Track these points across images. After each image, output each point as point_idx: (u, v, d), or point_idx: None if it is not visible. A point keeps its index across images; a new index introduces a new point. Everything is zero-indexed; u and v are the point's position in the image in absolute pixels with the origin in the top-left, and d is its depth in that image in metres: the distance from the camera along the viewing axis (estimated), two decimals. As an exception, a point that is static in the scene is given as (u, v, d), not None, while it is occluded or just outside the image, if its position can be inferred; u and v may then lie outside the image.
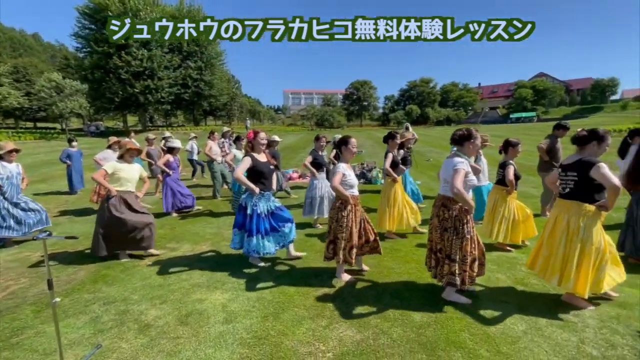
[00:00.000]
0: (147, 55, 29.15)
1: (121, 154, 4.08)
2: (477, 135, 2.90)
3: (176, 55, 33.12)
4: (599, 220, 2.70)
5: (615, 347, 2.31)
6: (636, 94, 62.79)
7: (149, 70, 29.62)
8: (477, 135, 2.92)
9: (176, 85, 32.90)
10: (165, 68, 31.40)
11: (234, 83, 50.62)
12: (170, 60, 31.65)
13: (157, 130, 30.07)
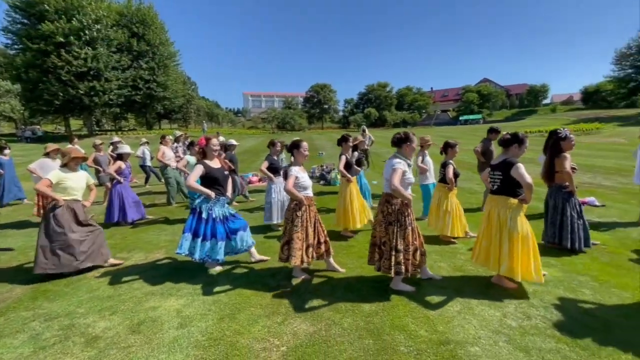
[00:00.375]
0: (92, 54, 27.05)
1: (65, 162, 3.86)
2: (413, 138, 3.20)
3: (125, 55, 31.12)
4: (522, 211, 3.11)
5: (531, 317, 2.69)
6: (563, 98, 70.66)
7: (95, 70, 27.48)
8: (414, 138, 3.21)
9: (126, 87, 30.89)
10: (113, 68, 29.35)
11: (190, 85, 48.67)
12: (118, 60, 29.62)
13: (105, 135, 28.02)
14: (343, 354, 2.31)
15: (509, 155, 3.20)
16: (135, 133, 31.68)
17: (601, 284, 3.22)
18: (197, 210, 3.70)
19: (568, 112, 52.93)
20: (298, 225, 3.35)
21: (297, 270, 3.59)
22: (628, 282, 3.25)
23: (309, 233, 3.40)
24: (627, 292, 3.05)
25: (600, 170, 10.68)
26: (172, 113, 43.46)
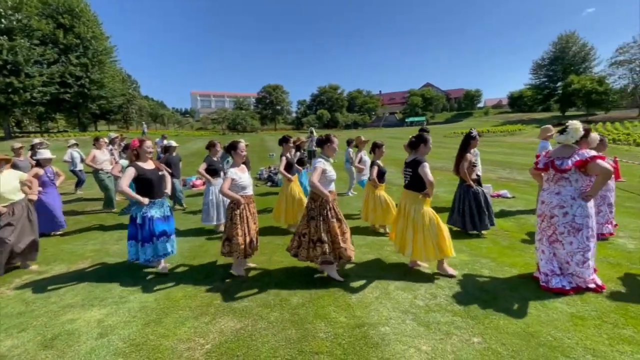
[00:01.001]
0: (8, 45, 23.87)
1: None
2: (333, 139, 3.47)
3: (50, 48, 27.95)
4: (425, 204, 3.51)
5: (436, 297, 3.06)
6: (494, 102, 78.48)
7: (12, 64, 24.29)
8: (334, 139, 3.48)
9: (53, 84, 27.74)
10: (36, 63, 26.18)
11: (131, 83, 45.19)
12: (42, 54, 26.48)
13: (28, 138, 24.90)
14: (265, 345, 2.44)
15: (418, 154, 3.59)
16: (66, 135, 28.60)
17: (498, 264, 3.76)
18: (133, 217, 3.62)
19: (498, 115, 58.97)
20: (237, 223, 3.46)
21: (237, 267, 3.67)
22: (518, 260, 3.83)
23: (251, 228, 3.55)
24: (515, 269, 3.61)
25: (516, 166, 12.17)
26: (110, 113, 39.99)
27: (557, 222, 3.11)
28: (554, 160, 3.19)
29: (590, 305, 2.81)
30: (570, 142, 3.15)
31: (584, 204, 3.02)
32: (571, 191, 3.08)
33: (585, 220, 3.01)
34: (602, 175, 2.92)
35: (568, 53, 45.00)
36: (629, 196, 7.13)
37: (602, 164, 2.90)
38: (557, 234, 3.13)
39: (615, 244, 4.28)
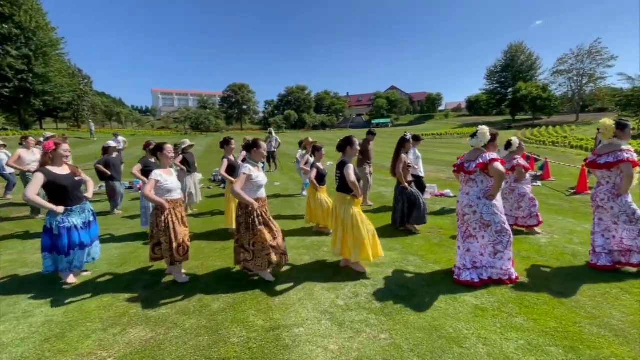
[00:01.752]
0: None
1: None
2: (260, 144, 3.45)
3: (-17, 37, 25.33)
4: (354, 205, 3.60)
5: (358, 295, 3.15)
6: (454, 106, 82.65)
7: None
8: (261, 144, 3.46)
9: (-14, 77, 25.15)
10: (-35, 53, 23.61)
11: (82, 79, 42.03)
12: (-27, 44, 23.95)
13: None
14: (172, 355, 2.36)
15: (345, 157, 3.68)
16: (4, 134, 26.01)
17: (424, 261, 3.95)
18: (47, 227, 3.34)
19: (456, 118, 62.26)
20: (162, 229, 3.33)
21: (177, 274, 3.55)
22: (443, 257, 4.05)
23: (178, 233, 3.40)
24: (439, 265, 3.81)
25: (465, 167, 12.88)
26: (58, 110, 36.96)
27: (469, 219, 3.33)
28: (464, 163, 3.43)
29: (494, 297, 3.03)
30: (479, 146, 3.39)
31: (489, 203, 3.26)
32: (477, 191, 3.31)
33: (492, 217, 3.24)
34: (498, 177, 3.17)
35: (517, 61, 48.60)
36: (554, 194, 7.80)
37: (498, 166, 3.15)
38: (470, 230, 3.35)
39: (530, 238, 4.66)
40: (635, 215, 3.37)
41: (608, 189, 3.48)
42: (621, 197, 3.40)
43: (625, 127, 3.48)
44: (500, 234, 3.26)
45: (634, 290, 3.07)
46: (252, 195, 3.34)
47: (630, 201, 3.41)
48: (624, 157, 3.34)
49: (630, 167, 3.32)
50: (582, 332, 2.47)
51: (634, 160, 3.34)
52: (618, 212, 3.40)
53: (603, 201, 3.50)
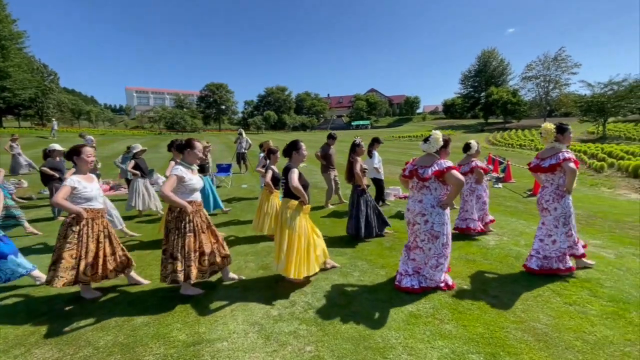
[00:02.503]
0: None
1: None
2: (195, 144, 3.26)
3: None
4: (302, 212, 3.47)
5: (295, 304, 3.04)
6: (432, 109, 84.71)
7: None
8: (196, 144, 3.28)
9: None
10: None
11: (47, 74, 39.81)
12: None
13: None
14: (73, 377, 2.16)
15: (291, 162, 3.56)
16: None
17: (371, 266, 3.89)
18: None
19: (433, 120, 63.83)
20: (72, 242, 3.01)
21: (85, 290, 3.25)
22: (390, 261, 4.01)
23: (90, 250, 3.08)
24: (385, 270, 3.76)
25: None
26: (20, 108, 34.85)
27: (419, 229, 3.23)
28: (417, 169, 3.33)
29: (430, 303, 3.00)
30: (431, 151, 3.34)
31: (441, 212, 3.20)
32: (431, 199, 3.22)
33: (442, 228, 3.18)
34: (455, 185, 3.10)
35: (489, 67, 50.48)
36: (512, 196, 8.02)
37: (456, 174, 3.09)
38: (418, 241, 3.27)
39: (481, 240, 4.72)
40: (570, 217, 3.46)
41: (552, 190, 3.54)
42: (564, 198, 3.46)
43: (565, 130, 3.56)
44: (445, 246, 3.22)
45: (565, 292, 3.13)
46: (184, 198, 3.15)
47: (571, 204, 3.50)
48: (566, 156, 3.41)
49: (571, 165, 3.38)
50: (507, 337, 2.46)
51: (575, 160, 3.43)
52: (560, 214, 3.46)
53: (548, 202, 3.56)
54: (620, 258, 3.95)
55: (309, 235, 3.46)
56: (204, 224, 3.28)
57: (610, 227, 5.25)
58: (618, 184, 8.67)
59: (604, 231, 5.03)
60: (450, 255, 3.31)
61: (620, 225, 5.33)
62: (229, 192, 8.93)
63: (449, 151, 3.45)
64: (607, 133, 25.39)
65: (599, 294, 3.07)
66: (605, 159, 11.97)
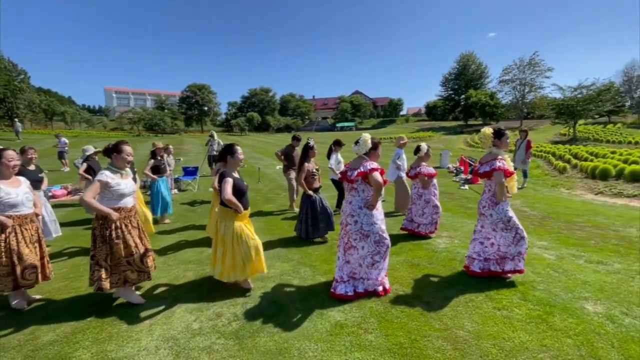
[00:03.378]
0: None
1: None
2: (123, 148, 3.09)
3: None
4: (235, 219, 3.34)
5: (221, 316, 2.90)
6: (415, 111, 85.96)
7: None
8: (124, 148, 3.10)
9: None
10: None
11: (16, 74, 38.12)
12: None
13: None
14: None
15: (227, 166, 3.42)
16: None
17: (313, 272, 3.80)
18: None
19: (416, 122, 64.74)
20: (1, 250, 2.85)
21: (14, 297, 3.08)
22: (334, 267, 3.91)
23: (23, 254, 2.95)
24: (326, 277, 3.67)
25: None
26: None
27: (351, 230, 3.21)
28: (347, 171, 3.32)
29: (360, 311, 2.93)
30: (361, 153, 3.30)
31: (369, 213, 3.17)
32: (359, 201, 3.21)
33: (371, 227, 3.15)
34: (376, 187, 3.09)
35: (468, 70, 51.65)
36: (475, 198, 8.11)
37: (376, 176, 3.07)
38: (351, 240, 3.23)
39: (431, 243, 4.71)
40: (510, 222, 3.44)
41: (489, 197, 3.54)
42: (499, 205, 3.46)
43: (502, 135, 3.56)
44: (379, 244, 3.19)
45: (497, 296, 3.12)
46: (112, 204, 2.98)
47: (507, 209, 3.48)
48: (496, 166, 3.41)
49: (500, 175, 3.39)
50: (426, 347, 2.41)
51: (505, 169, 3.41)
52: (496, 219, 3.46)
53: (484, 208, 3.56)
54: (559, 259, 4.00)
55: (246, 241, 3.34)
56: (134, 230, 3.14)
57: (559, 227, 5.34)
58: (576, 184, 8.93)
59: (552, 232, 5.11)
60: (388, 256, 3.26)
61: (570, 226, 5.44)
62: (195, 195, 8.70)
63: (379, 153, 3.39)
64: (578, 135, 26.32)
65: (529, 298, 3.08)
66: (571, 160, 12.36)
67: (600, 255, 4.08)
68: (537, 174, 11.29)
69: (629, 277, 3.46)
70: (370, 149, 3.32)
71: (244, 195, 3.37)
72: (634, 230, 5.07)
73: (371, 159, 3.33)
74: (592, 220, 5.66)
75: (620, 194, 7.37)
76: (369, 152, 3.31)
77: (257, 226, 5.63)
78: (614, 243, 4.52)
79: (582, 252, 4.21)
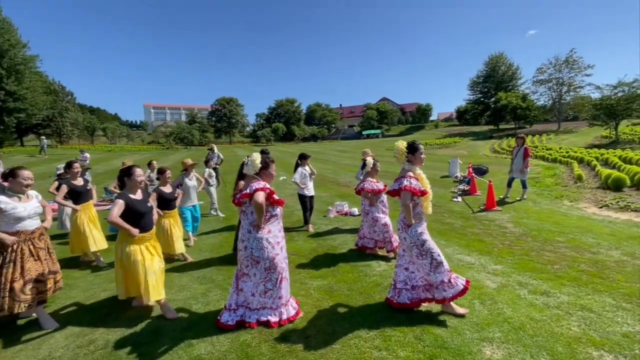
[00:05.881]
0: None
1: None
2: (18, 173, 3.14)
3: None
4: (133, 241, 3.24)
5: (93, 342, 2.83)
6: (446, 116, 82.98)
7: None
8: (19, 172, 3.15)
9: (-44, 96, 25.24)
10: None
11: (64, 95, 42.35)
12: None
13: None
14: None
15: (125, 189, 3.38)
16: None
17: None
18: None
19: (446, 127, 62.35)
20: None
21: None
22: (246, 291, 3.73)
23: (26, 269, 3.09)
24: (229, 302, 3.49)
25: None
26: (38, 127, 37.11)
27: (242, 256, 3.04)
28: (237, 194, 3.16)
29: (230, 345, 2.71)
30: (251, 174, 3.12)
31: (258, 237, 2.97)
32: (247, 224, 3.03)
33: (260, 253, 2.95)
34: (255, 208, 2.91)
35: (498, 72, 48.93)
36: (462, 212, 7.47)
37: (257, 197, 2.87)
38: (243, 267, 3.05)
39: (370, 266, 4.33)
40: (424, 246, 3.05)
41: (402, 218, 3.19)
42: (411, 228, 3.09)
43: (415, 150, 3.21)
44: (269, 270, 2.98)
45: (391, 333, 2.75)
46: (8, 228, 3.06)
47: (420, 231, 3.10)
48: (403, 185, 3.07)
49: (407, 196, 3.04)
50: (262, 393, 2.15)
51: (412, 188, 3.05)
52: (410, 244, 3.09)
53: (399, 231, 3.21)
54: (500, 288, 3.49)
55: (143, 263, 3.25)
56: (41, 251, 3.21)
57: (530, 248, 4.72)
58: (583, 196, 7.90)
59: (518, 254, 4.52)
60: (283, 283, 3.03)
61: (545, 246, 4.78)
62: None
63: (270, 172, 3.17)
64: (620, 137, 23.74)
65: (425, 337, 2.68)
66: (597, 167, 11.04)
67: (551, 284, 3.51)
68: (547, 184, 10.24)
69: (566, 314, 2.91)
70: (261, 169, 3.13)
71: (142, 217, 3.30)
72: (616, 253, 4.34)
73: (263, 179, 3.14)
74: (575, 240, 4.94)
75: (627, 207, 6.39)
76: (259, 172, 3.13)
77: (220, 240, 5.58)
78: (580, 269, 3.88)
79: (533, 280, 3.65)
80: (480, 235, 5.53)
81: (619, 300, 3.09)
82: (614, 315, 2.85)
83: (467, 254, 4.62)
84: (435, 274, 3.01)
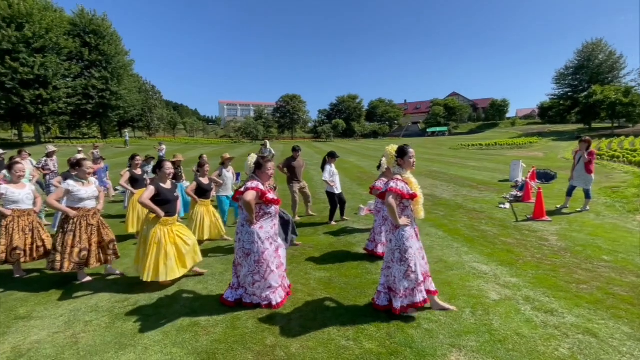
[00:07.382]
0: (40, 62, 27.27)
1: None
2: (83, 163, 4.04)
3: (75, 63, 31.47)
4: (158, 223, 3.87)
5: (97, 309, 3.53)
6: (525, 113, 74.33)
7: (42, 78, 27.70)
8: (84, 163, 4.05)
9: (76, 96, 31.15)
10: (62, 77, 29.64)
11: (154, 93, 49.19)
12: (68, 68, 29.93)
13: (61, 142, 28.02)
14: None
15: (155, 179, 4.05)
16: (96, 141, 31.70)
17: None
18: None
19: (525, 126, 55.83)
20: None
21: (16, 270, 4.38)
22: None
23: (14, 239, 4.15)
24: (237, 282, 3.95)
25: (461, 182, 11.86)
26: (132, 122, 43.76)
27: (236, 247, 3.42)
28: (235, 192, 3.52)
29: (221, 316, 3.14)
30: (249, 174, 3.50)
31: (250, 231, 3.29)
32: (242, 219, 3.39)
33: (251, 246, 3.28)
34: (244, 206, 3.25)
35: (594, 62, 41.91)
36: (503, 219, 6.91)
37: (245, 196, 3.19)
38: (237, 257, 3.42)
39: (378, 264, 4.41)
40: (407, 253, 3.05)
41: (390, 220, 3.25)
42: (398, 230, 3.12)
43: (404, 154, 3.21)
44: (258, 263, 3.29)
45: (365, 333, 2.89)
46: (73, 205, 3.97)
47: (407, 237, 3.09)
48: (390, 186, 3.13)
49: (390, 196, 3.08)
50: (234, 357, 2.51)
51: (397, 190, 3.08)
52: (395, 247, 3.11)
53: (387, 233, 3.28)
54: (500, 301, 3.31)
55: (165, 245, 3.86)
56: (92, 226, 4.07)
57: (562, 264, 4.27)
58: (666, 212, 6.61)
59: (543, 268, 4.14)
60: (272, 275, 3.32)
61: (583, 264, 4.27)
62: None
63: (266, 172, 3.45)
64: None
65: (396, 335, 2.76)
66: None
67: (564, 304, 3.21)
68: (627, 195, 8.74)
69: (562, 335, 2.69)
70: (255, 169, 3.47)
71: (168, 203, 3.93)
72: (670, 280, 3.70)
73: (260, 178, 3.44)
74: (625, 261, 4.31)
75: None
76: (255, 172, 3.47)
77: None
78: (611, 292, 3.44)
79: (545, 297, 3.37)
80: (511, 245, 5.14)
81: (636, 330, 2.73)
82: (620, 344, 2.55)
83: (485, 264, 4.38)
84: (403, 281, 3.03)
